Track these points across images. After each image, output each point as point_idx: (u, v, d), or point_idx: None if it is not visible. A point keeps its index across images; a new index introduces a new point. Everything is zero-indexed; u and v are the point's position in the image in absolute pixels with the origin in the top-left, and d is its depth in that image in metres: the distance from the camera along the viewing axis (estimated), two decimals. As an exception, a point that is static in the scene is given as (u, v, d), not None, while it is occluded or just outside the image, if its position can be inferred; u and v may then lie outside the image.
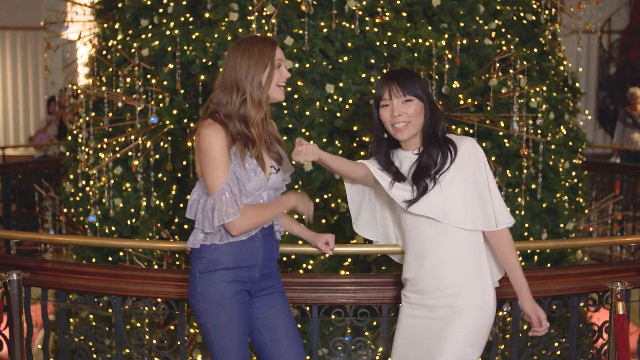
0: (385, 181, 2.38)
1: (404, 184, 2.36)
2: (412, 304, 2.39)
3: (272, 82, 2.31)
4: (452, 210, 2.30)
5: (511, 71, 3.86)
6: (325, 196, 3.61)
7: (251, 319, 2.39)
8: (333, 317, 2.90)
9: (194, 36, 3.90)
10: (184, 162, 3.92)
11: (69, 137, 4.78)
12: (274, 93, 2.34)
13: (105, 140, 4.09)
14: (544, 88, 4.20)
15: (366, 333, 3.49)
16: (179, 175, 3.94)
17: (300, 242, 3.02)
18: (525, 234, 3.90)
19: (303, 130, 3.65)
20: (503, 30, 4.07)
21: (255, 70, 2.27)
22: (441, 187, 2.30)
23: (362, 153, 3.63)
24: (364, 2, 3.75)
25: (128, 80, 4.07)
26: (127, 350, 3.09)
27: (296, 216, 3.56)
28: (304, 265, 3.61)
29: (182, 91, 3.91)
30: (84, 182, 4.35)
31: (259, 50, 2.29)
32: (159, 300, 2.99)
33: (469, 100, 3.80)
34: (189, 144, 3.83)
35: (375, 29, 3.74)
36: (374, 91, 3.65)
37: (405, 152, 2.41)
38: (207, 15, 3.89)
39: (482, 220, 2.32)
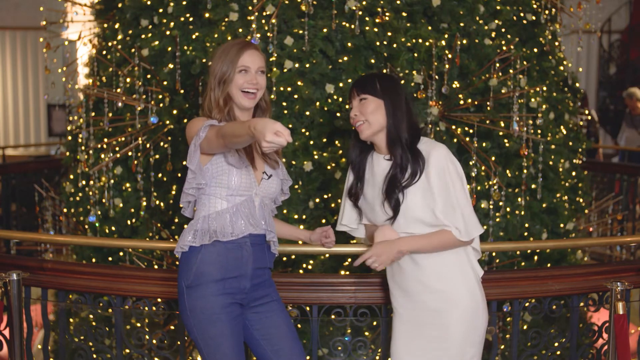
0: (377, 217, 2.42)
1: (373, 194, 2.38)
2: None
3: (232, 84, 2.29)
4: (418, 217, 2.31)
5: (511, 71, 3.86)
6: (325, 196, 3.61)
7: (250, 331, 2.34)
8: (333, 317, 2.89)
9: (194, 36, 3.90)
10: (184, 162, 3.91)
11: (69, 137, 4.78)
12: (238, 98, 2.31)
13: (105, 140, 4.09)
14: (544, 88, 4.20)
15: (366, 333, 3.49)
16: (179, 175, 3.94)
17: (300, 242, 3.01)
18: (525, 234, 3.90)
19: (303, 130, 3.65)
20: (503, 30, 4.07)
21: (218, 71, 2.31)
22: (407, 201, 2.30)
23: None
24: (364, 2, 3.75)
25: (128, 80, 4.07)
26: (127, 350, 3.09)
27: (296, 216, 3.57)
28: (304, 265, 3.60)
29: (182, 91, 3.91)
30: (84, 182, 4.35)
31: (227, 52, 2.31)
32: (159, 300, 2.99)
33: (469, 100, 3.80)
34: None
35: (375, 29, 3.74)
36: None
37: (378, 155, 2.42)
38: (207, 15, 3.89)
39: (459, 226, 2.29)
